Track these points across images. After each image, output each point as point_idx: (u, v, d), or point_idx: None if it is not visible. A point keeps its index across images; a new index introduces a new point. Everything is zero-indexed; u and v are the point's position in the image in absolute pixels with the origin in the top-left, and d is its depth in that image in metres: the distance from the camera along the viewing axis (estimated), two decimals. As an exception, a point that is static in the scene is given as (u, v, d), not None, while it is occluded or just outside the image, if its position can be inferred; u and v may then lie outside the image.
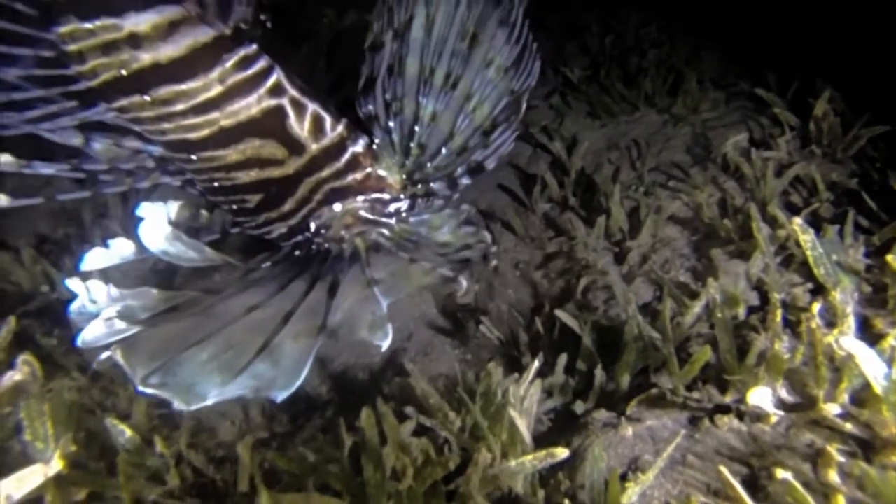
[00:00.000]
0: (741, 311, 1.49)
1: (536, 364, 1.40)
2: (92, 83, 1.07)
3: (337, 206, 1.27)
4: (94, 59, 1.04)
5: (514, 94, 1.24)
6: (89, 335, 1.01)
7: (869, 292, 1.47)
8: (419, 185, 1.31)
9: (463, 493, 1.01)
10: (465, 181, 1.34)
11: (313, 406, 1.70)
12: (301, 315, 1.01)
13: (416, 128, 1.26)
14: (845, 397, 1.12)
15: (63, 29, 1.03)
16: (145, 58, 1.04)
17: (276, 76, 1.16)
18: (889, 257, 1.37)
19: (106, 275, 1.86)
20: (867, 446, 1.07)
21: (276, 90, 1.15)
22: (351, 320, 1.00)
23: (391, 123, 1.27)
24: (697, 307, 1.46)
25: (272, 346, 0.95)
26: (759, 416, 1.17)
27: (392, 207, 1.31)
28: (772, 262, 1.51)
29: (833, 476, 0.98)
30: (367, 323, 0.97)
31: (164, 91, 1.08)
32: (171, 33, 1.04)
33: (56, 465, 1.05)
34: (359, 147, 1.25)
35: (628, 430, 1.29)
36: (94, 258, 1.33)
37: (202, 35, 1.06)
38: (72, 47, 1.04)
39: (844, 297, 1.18)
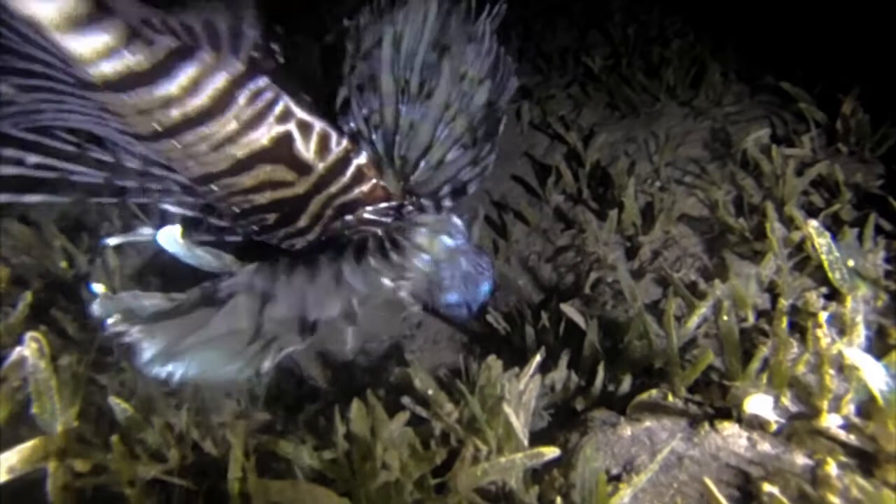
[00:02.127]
0: (750, 315, 1.45)
1: (538, 358, 1.39)
2: (132, 133, 1.18)
3: (349, 218, 1.33)
4: (134, 119, 1.14)
5: (491, 107, 1.24)
6: (113, 326, 1.09)
7: (887, 300, 1.42)
8: (414, 197, 1.33)
9: (450, 487, 1.02)
10: (448, 203, 1.36)
11: (316, 391, 1.72)
12: (285, 306, 1.03)
13: (396, 137, 1.29)
14: (851, 408, 1.09)
15: (104, 98, 1.12)
16: (176, 114, 1.14)
17: (283, 103, 1.22)
18: (910, 264, 1.32)
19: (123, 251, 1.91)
20: (870, 459, 1.05)
21: (284, 116, 1.22)
22: (327, 324, 1.03)
23: (374, 136, 1.31)
24: (704, 308, 1.43)
25: (251, 333, 0.99)
26: (760, 424, 1.14)
27: (399, 213, 1.37)
28: (784, 265, 1.46)
29: (829, 489, 0.95)
30: (340, 331, 1.00)
31: (191, 136, 1.17)
32: (196, 88, 1.13)
33: (58, 438, 1.09)
34: (362, 158, 1.31)
35: (627, 430, 1.27)
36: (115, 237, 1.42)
37: (219, 81, 1.15)
38: (113, 111, 1.15)
39: (855, 305, 1.15)
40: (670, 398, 1.32)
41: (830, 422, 1.06)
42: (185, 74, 1.11)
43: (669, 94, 2.38)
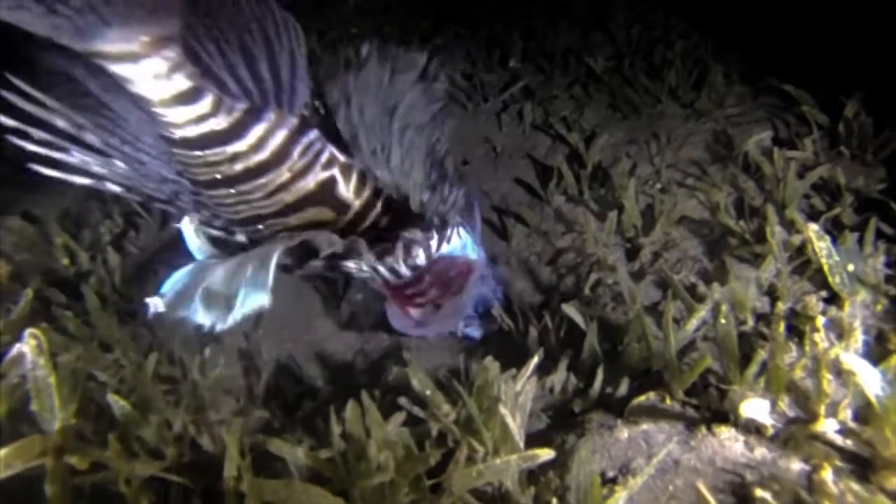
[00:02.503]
0: (749, 318, 1.45)
1: (536, 360, 1.39)
2: (190, 179, 1.25)
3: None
4: (198, 169, 1.21)
5: (434, 149, 1.28)
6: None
7: (887, 304, 1.42)
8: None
9: (444, 488, 1.02)
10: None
11: (315, 389, 1.73)
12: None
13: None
14: (848, 413, 1.09)
15: (178, 150, 1.19)
16: (239, 167, 1.21)
17: (329, 152, 1.29)
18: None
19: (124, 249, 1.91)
20: (866, 465, 1.04)
21: (329, 164, 1.29)
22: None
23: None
24: (703, 311, 1.43)
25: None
26: (757, 428, 1.14)
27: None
28: (784, 269, 1.46)
29: (825, 495, 0.95)
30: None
31: (247, 186, 1.23)
32: (262, 145, 1.21)
33: (56, 435, 1.09)
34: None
35: (624, 433, 1.27)
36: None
37: (280, 137, 1.22)
38: (181, 160, 1.21)
39: (853, 310, 1.14)
40: (668, 401, 1.32)
41: (827, 427, 1.06)
42: (255, 134, 1.19)
43: (671, 96, 2.37)
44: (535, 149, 2.44)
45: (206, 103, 1.12)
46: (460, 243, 1.58)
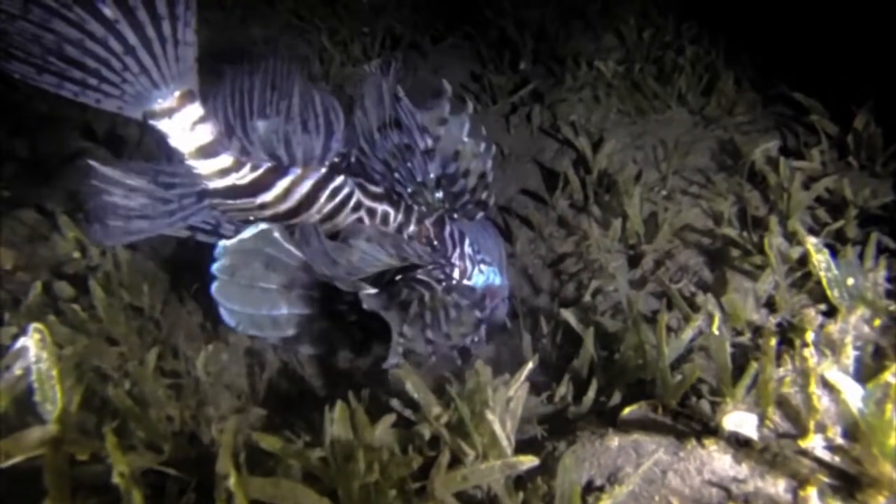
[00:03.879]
0: (746, 330, 1.44)
1: (530, 366, 1.39)
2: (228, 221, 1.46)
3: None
4: (232, 213, 1.41)
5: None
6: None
7: (886, 320, 1.40)
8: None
9: (428, 492, 1.03)
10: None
11: (314, 389, 1.75)
12: None
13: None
14: (837, 430, 1.08)
15: (214, 200, 1.37)
16: (267, 213, 1.40)
17: (357, 197, 1.46)
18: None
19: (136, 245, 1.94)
20: (854, 482, 1.04)
21: (357, 207, 1.46)
22: None
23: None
24: (699, 321, 1.42)
25: None
26: (746, 442, 1.14)
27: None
28: (782, 281, 1.45)
29: (807, 512, 0.95)
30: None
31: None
32: (287, 195, 1.38)
33: (57, 427, 1.12)
34: (412, 228, 1.55)
35: (614, 441, 1.28)
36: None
37: (306, 187, 1.39)
38: (219, 208, 1.40)
39: (844, 325, 1.13)
40: (660, 412, 1.32)
41: (815, 443, 1.06)
42: (280, 186, 1.37)
43: (680, 101, 2.36)
44: (543, 152, 2.44)
45: (225, 160, 1.29)
46: (482, 277, 1.72)
